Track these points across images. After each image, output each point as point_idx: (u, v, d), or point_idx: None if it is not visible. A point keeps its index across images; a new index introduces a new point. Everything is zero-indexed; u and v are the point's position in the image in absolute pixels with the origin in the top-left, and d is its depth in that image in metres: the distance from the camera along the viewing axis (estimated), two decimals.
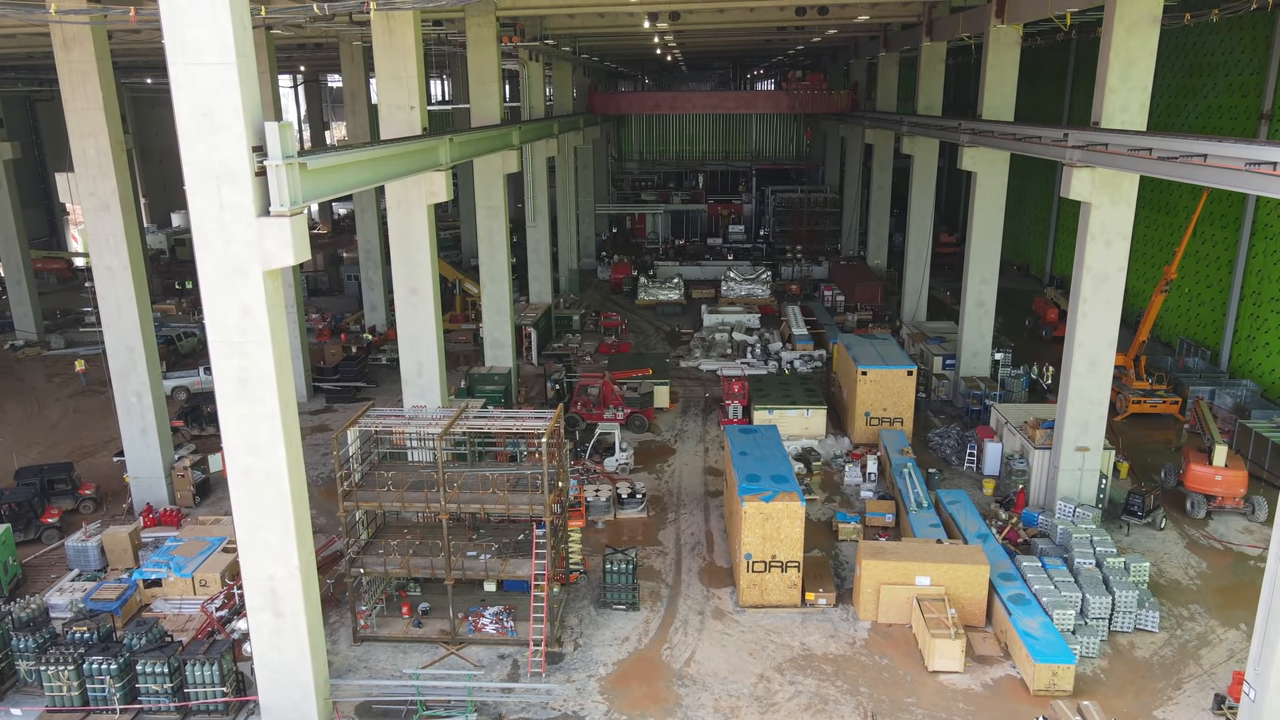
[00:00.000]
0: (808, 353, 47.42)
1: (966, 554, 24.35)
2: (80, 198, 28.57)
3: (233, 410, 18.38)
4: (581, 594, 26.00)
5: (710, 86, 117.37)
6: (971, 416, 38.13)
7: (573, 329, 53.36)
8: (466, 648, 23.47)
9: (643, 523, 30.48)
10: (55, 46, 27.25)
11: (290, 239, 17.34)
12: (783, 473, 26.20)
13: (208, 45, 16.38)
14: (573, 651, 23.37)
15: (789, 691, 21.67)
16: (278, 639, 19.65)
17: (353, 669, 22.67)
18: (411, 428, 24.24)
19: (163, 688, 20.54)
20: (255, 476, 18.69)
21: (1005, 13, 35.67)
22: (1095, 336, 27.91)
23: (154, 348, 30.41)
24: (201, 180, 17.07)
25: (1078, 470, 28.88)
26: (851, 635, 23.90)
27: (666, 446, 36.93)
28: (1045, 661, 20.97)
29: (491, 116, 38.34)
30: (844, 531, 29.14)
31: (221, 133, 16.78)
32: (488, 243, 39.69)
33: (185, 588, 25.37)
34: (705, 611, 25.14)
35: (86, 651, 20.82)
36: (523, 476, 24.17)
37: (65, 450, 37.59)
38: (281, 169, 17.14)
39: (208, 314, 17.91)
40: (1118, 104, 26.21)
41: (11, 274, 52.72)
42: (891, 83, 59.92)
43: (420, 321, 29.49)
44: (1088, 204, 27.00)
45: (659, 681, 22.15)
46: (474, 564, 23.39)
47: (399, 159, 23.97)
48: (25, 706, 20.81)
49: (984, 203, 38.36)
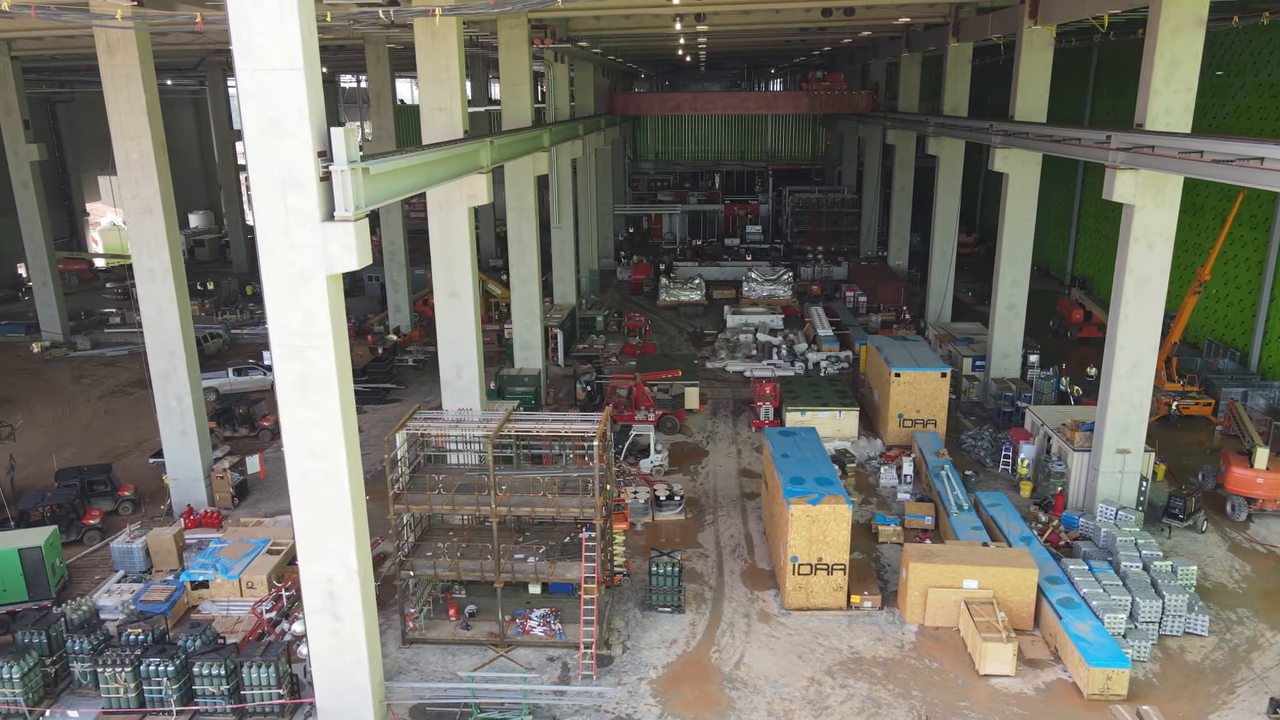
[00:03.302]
0: (834, 354, 47.42)
1: (1014, 557, 24.34)
2: (122, 200, 28.65)
3: (294, 414, 18.44)
4: (625, 596, 26.04)
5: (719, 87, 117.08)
6: (1003, 418, 38.08)
7: (596, 330, 53.43)
8: (515, 650, 23.52)
9: (681, 525, 30.51)
10: (99, 50, 27.39)
11: (354, 243, 17.40)
12: (826, 475, 26.21)
13: (275, 51, 16.43)
14: (621, 654, 23.41)
15: (841, 695, 21.68)
16: (336, 641, 19.71)
17: (403, 671, 22.74)
18: (459, 431, 24.26)
19: (219, 689, 20.64)
20: (315, 479, 18.76)
21: (1039, 14, 35.62)
22: (1137, 339, 27.85)
23: (194, 350, 30.57)
24: (267, 185, 17.13)
25: (1118, 473, 28.82)
26: (899, 638, 23.91)
27: (699, 448, 36.95)
28: (1099, 666, 20.96)
29: (523, 118, 38.42)
30: (884, 534, 29.14)
31: (288, 138, 16.83)
32: (518, 244, 39.78)
33: (232, 589, 25.47)
34: (751, 614, 25.16)
35: (143, 653, 20.91)
36: (570, 479, 24.20)
37: (98, 451, 37.71)
38: (346, 174, 17.20)
39: (271, 319, 17.97)
40: (1161, 106, 26.16)
41: (38, 275, 52.90)
42: (913, 83, 59.86)
43: (460, 324, 29.55)
44: (1130, 206, 26.93)
45: (710, 684, 22.19)
46: (523, 567, 23.44)
47: (447, 162, 24.03)
48: (82, 708, 20.91)
49: (1016, 205, 38.30)
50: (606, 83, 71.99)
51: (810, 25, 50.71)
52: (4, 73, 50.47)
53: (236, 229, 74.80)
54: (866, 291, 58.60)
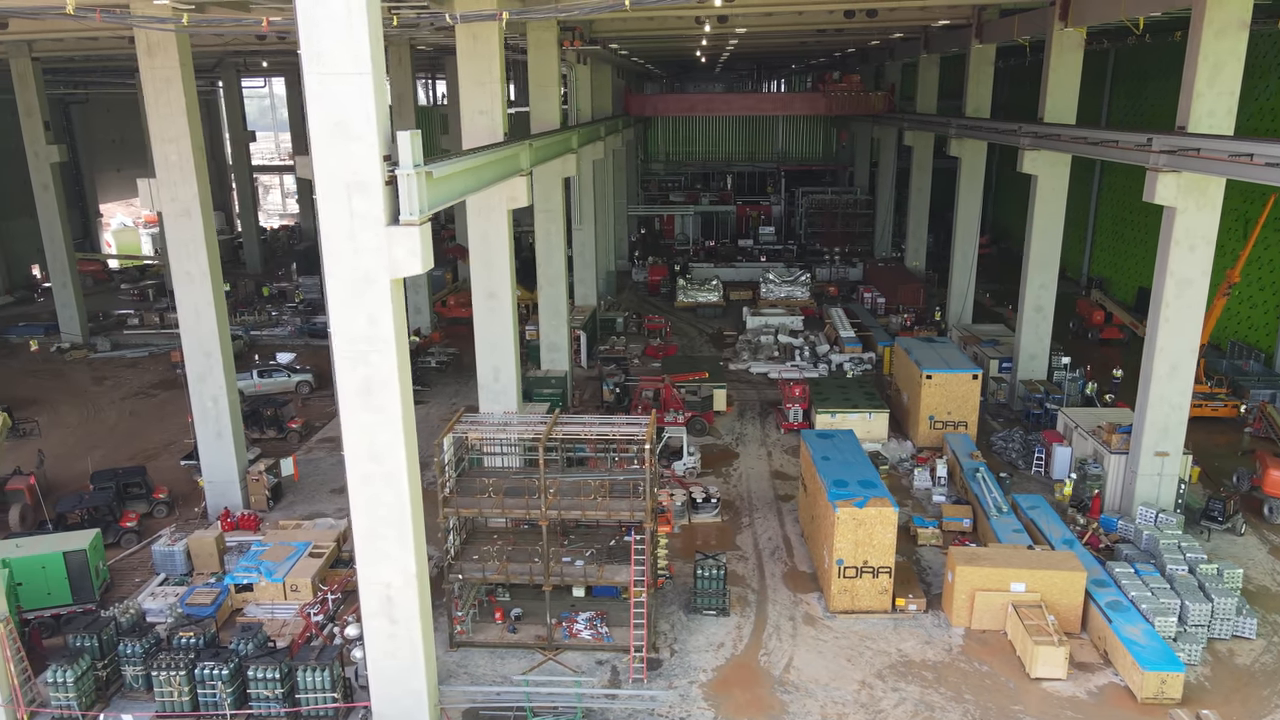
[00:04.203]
0: (856, 355, 47.42)
1: (1061, 560, 24.34)
2: (161, 203, 28.59)
3: (355, 418, 18.39)
4: (668, 599, 26.02)
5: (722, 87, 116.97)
6: (1032, 420, 38.07)
7: (616, 331, 53.41)
8: (563, 653, 23.51)
9: (717, 527, 30.49)
10: (139, 52, 27.34)
11: (419, 247, 17.37)
12: (869, 478, 26.20)
13: (343, 55, 16.38)
14: (670, 657, 23.40)
15: (893, 699, 21.68)
16: (392, 645, 19.66)
17: (453, 675, 22.72)
18: (507, 433, 24.24)
19: (273, 693, 20.61)
20: (376, 484, 18.72)
21: (1069, 15, 35.67)
22: (1177, 341, 27.88)
23: (230, 352, 30.53)
24: (332, 189, 17.08)
25: (1156, 475, 28.84)
26: (947, 641, 23.90)
27: (729, 450, 36.94)
28: (1154, 669, 20.96)
29: (552, 120, 38.36)
30: (922, 536, 29.14)
31: (354, 142, 16.79)
32: (546, 246, 39.75)
33: (276, 593, 25.44)
34: (795, 617, 25.16)
35: (197, 656, 20.88)
36: (617, 482, 24.16)
37: (127, 454, 37.65)
38: (412, 177, 17.19)
39: (334, 323, 17.92)
40: (1204, 109, 26.20)
41: (58, 277, 52.80)
42: (931, 85, 59.82)
43: (498, 326, 29.52)
44: (1172, 209, 26.96)
45: (760, 688, 22.17)
46: (572, 570, 23.43)
47: (494, 165, 24.02)
48: (136, 713, 20.87)
49: (1044, 206, 38.32)
50: (621, 84, 72.01)
51: (828, 27, 50.75)
52: (24, 74, 50.38)
53: (250, 230, 74.69)
54: (885, 293, 58.59)
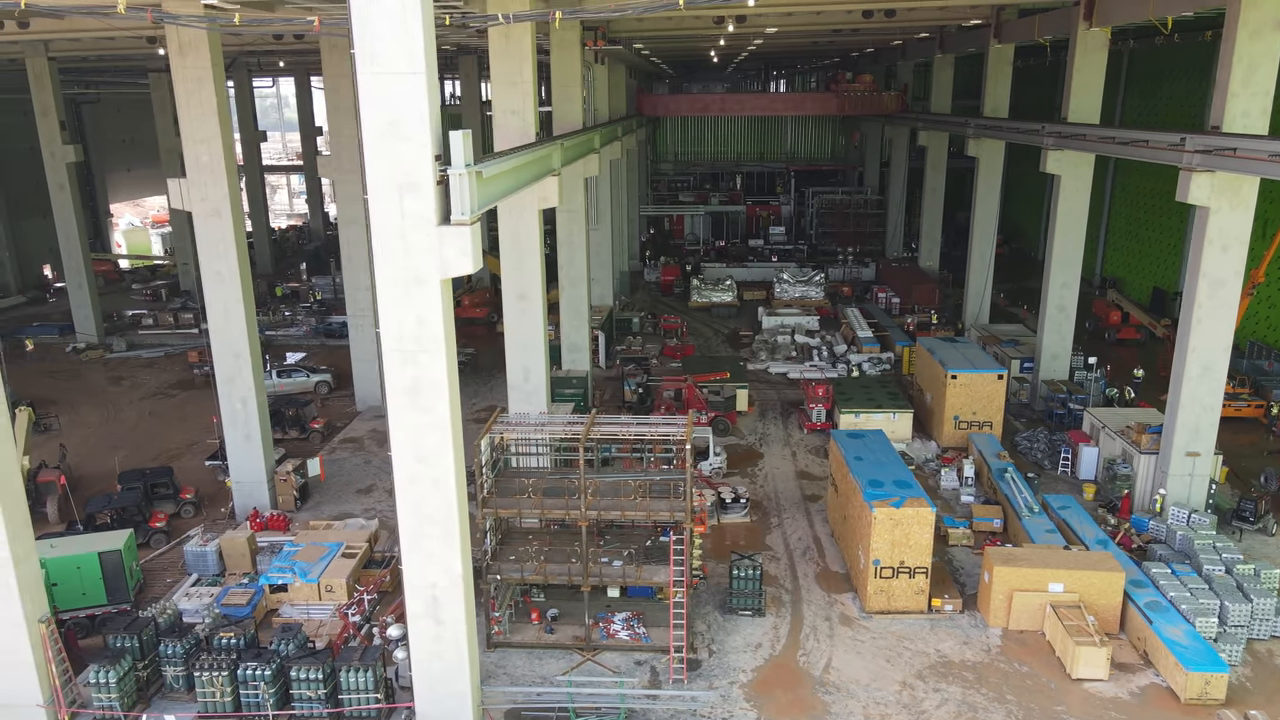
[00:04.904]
0: (875, 355, 47.41)
1: (1098, 560, 24.31)
2: (191, 203, 28.54)
3: (403, 419, 18.39)
4: (703, 599, 25.98)
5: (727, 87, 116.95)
6: (1055, 420, 38.04)
7: (632, 331, 53.39)
8: (600, 654, 23.48)
9: (746, 527, 30.46)
10: (171, 53, 27.27)
11: (470, 247, 17.35)
12: (904, 478, 26.17)
13: (398, 55, 16.36)
14: (708, 658, 23.36)
15: (935, 699, 21.65)
16: (437, 646, 19.65)
17: (492, 675, 22.68)
18: (544, 434, 24.20)
19: (316, 694, 20.57)
20: (422, 485, 18.70)
21: (1094, 15, 35.63)
22: (1209, 341, 27.85)
23: (259, 353, 30.46)
24: (384, 189, 17.06)
25: (1187, 475, 28.83)
26: (985, 642, 23.88)
27: (753, 450, 36.91)
28: (1198, 670, 20.93)
29: (574, 120, 38.33)
30: (953, 536, 29.10)
31: (406, 142, 16.76)
32: (568, 246, 39.69)
33: (310, 593, 25.39)
34: (831, 617, 25.12)
35: (239, 657, 20.85)
36: (654, 482, 24.11)
37: (150, 454, 37.58)
38: (464, 177, 17.16)
39: (383, 323, 17.91)
40: (1239, 109, 26.23)
41: (73, 277, 52.75)
42: (946, 85, 59.85)
43: (529, 327, 29.50)
44: (1205, 209, 26.94)
45: (802, 689, 22.14)
46: (610, 570, 23.39)
47: (531, 165, 24.01)
48: (179, 713, 20.82)
49: (1068, 206, 38.28)
50: (633, 84, 71.99)
51: (844, 26, 50.72)
52: (41, 74, 50.28)
53: (261, 230, 74.59)
54: (899, 293, 58.57)
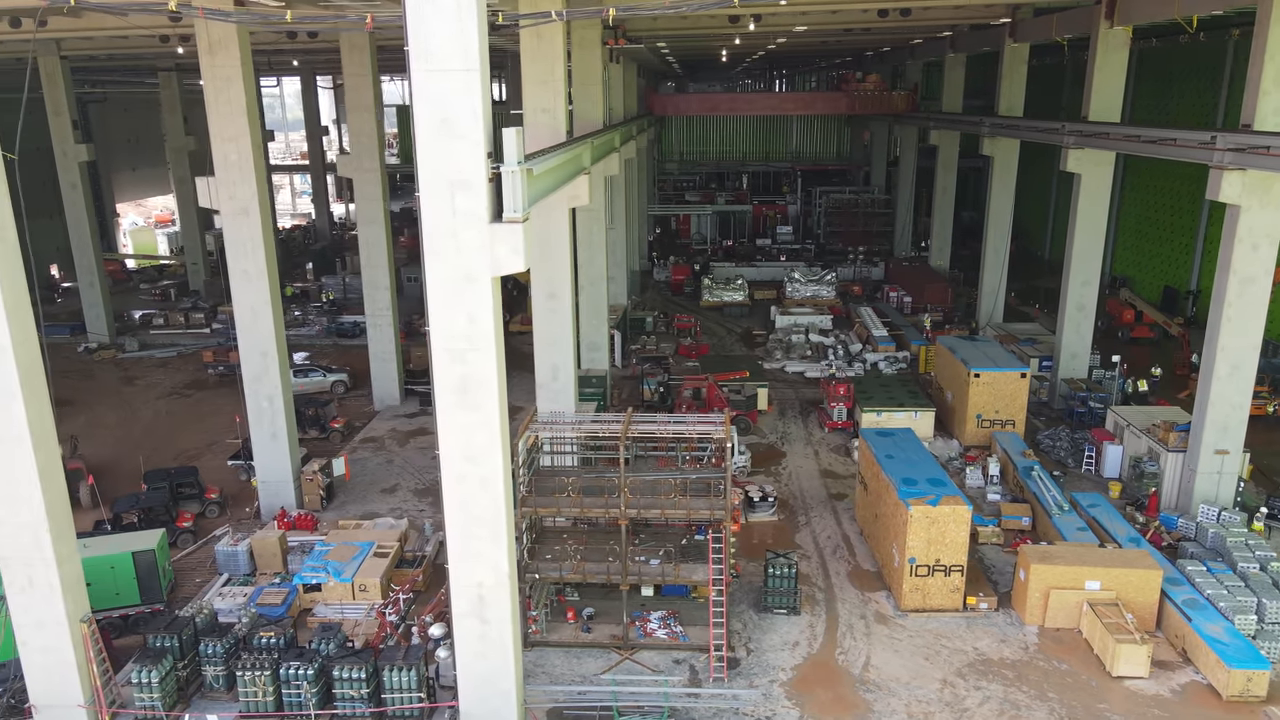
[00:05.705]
0: (890, 354, 47.42)
1: (1135, 558, 24.35)
2: (219, 202, 28.48)
3: (451, 418, 18.30)
4: (736, 598, 25.93)
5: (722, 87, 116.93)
6: (1076, 418, 38.08)
7: (646, 331, 53.35)
8: (638, 653, 23.44)
9: (774, 526, 30.46)
10: (200, 51, 27.19)
11: (521, 244, 17.26)
12: (938, 476, 26.19)
13: (452, 52, 16.29)
14: (746, 656, 23.35)
15: (977, 697, 21.66)
16: (482, 645, 19.57)
17: (531, 674, 22.63)
18: (580, 432, 24.17)
19: (359, 693, 20.50)
20: (470, 484, 18.62)
21: (1115, 14, 35.68)
22: (1239, 340, 27.89)
23: (285, 352, 30.40)
24: (435, 186, 16.97)
25: (1216, 473, 28.89)
26: (1022, 640, 23.90)
27: (775, 449, 36.90)
28: (1240, 667, 20.97)
29: (595, 119, 38.26)
30: (982, 534, 29.13)
31: (459, 139, 16.68)
32: (587, 246, 39.59)
33: (344, 592, 25.32)
34: (867, 616, 25.13)
35: (280, 656, 20.78)
36: (691, 480, 24.11)
37: (169, 454, 37.46)
38: (516, 174, 17.08)
39: (433, 322, 17.82)
40: (1271, 106, 26.27)
41: (84, 277, 52.57)
42: (957, 84, 59.87)
43: (558, 325, 29.46)
44: (1235, 207, 27.00)
45: (842, 687, 22.14)
46: (648, 569, 23.37)
47: (569, 164, 23.99)
48: (220, 713, 20.74)
49: (1088, 205, 38.30)
50: (643, 83, 71.97)
51: (857, 25, 50.76)
52: (53, 73, 50.08)
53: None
54: (911, 292, 58.59)
